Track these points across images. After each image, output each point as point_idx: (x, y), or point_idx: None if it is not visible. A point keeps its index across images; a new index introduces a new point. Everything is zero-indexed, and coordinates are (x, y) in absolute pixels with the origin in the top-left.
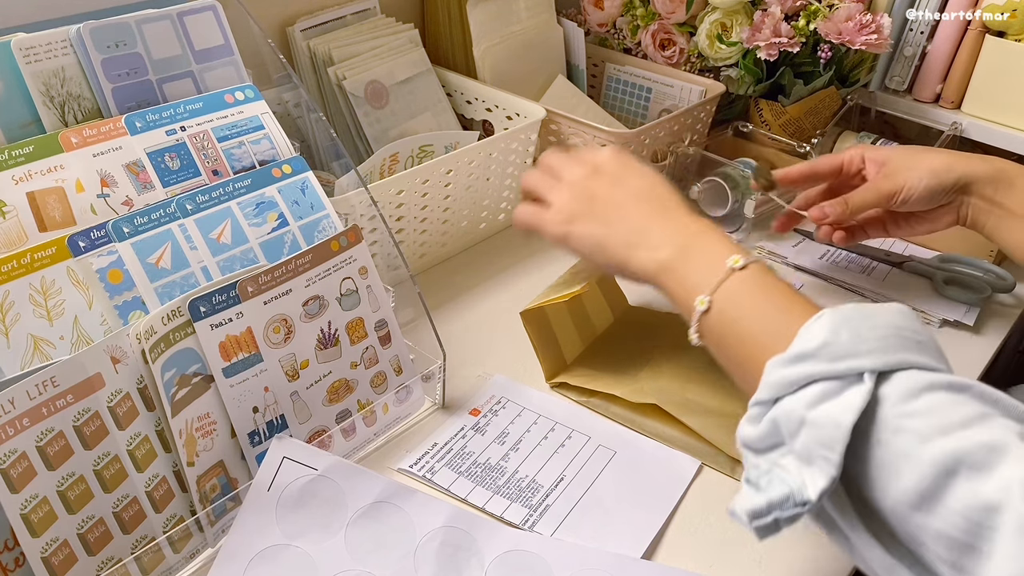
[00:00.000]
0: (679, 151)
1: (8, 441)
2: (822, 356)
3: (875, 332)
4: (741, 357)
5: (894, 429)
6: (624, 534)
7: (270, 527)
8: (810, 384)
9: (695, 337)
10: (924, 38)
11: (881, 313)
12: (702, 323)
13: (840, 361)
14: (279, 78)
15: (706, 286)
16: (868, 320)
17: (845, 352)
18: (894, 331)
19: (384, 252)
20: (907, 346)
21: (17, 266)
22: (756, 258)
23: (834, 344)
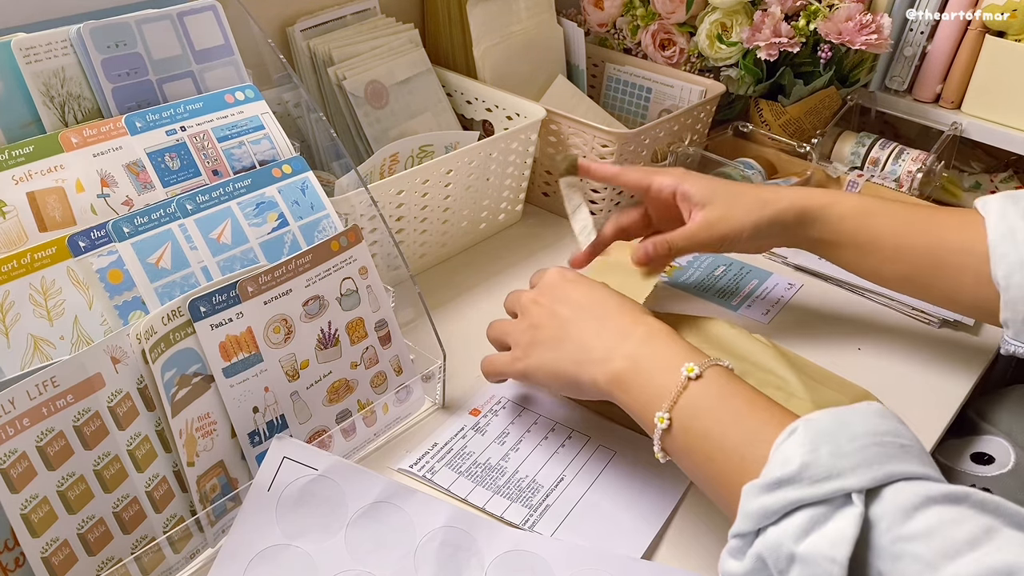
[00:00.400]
0: (679, 151)
1: (8, 441)
2: (803, 479)
3: (855, 443)
4: (712, 476)
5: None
6: (624, 534)
7: (270, 527)
8: (794, 512)
9: (660, 456)
10: (924, 38)
11: (857, 419)
12: (665, 441)
13: (823, 483)
14: (279, 78)
15: (663, 400)
16: (845, 430)
17: (827, 472)
18: (875, 439)
19: (384, 252)
20: (891, 455)
21: (17, 266)
22: (711, 361)
23: (814, 464)
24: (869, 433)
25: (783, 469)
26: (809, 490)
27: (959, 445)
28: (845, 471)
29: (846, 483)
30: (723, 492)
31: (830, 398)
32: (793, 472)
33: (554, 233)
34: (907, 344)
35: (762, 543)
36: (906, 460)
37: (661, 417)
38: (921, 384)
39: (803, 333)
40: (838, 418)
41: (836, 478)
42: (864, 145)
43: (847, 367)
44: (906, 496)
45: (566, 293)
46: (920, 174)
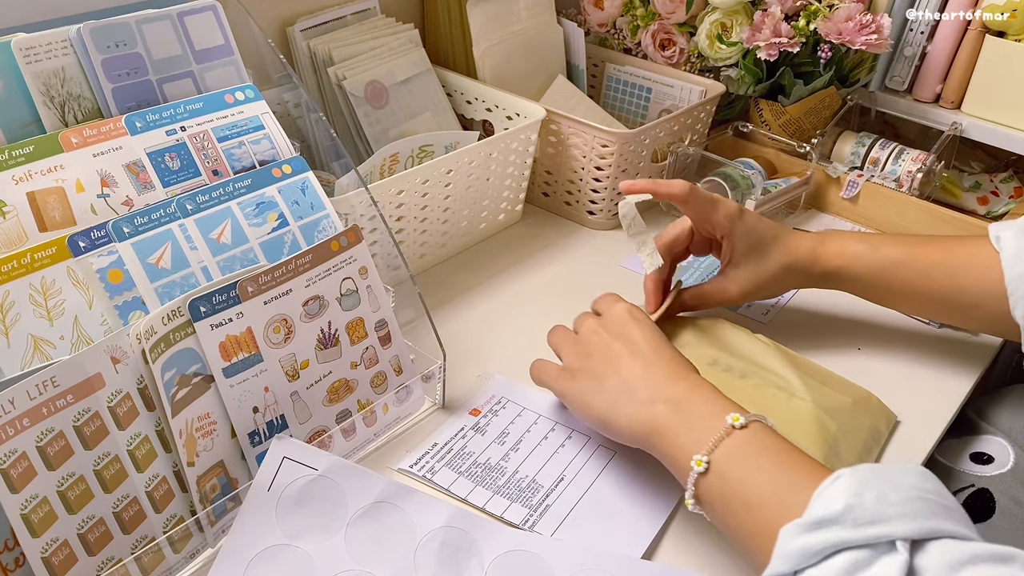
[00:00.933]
0: (679, 151)
1: (8, 441)
2: (846, 521)
3: (900, 495)
4: (747, 524)
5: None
6: (624, 534)
7: (270, 527)
8: (835, 553)
9: (691, 503)
10: (924, 38)
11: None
12: (699, 485)
13: (868, 527)
14: (279, 78)
15: (702, 444)
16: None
17: (872, 516)
18: (920, 494)
19: (384, 252)
20: (936, 511)
21: (17, 266)
22: (755, 416)
23: (858, 508)
24: (915, 487)
25: (826, 510)
26: (853, 532)
27: (958, 445)
28: (891, 518)
29: (892, 529)
30: (758, 539)
31: (831, 398)
32: (837, 513)
33: (554, 233)
34: (907, 344)
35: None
36: (952, 520)
37: (699, 460)
38: (921, 384)
39: (803, 333)
40: (882, 471)
41: (881, 523)
42: (864, 145)
43: (847, 367)
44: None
45: (627, 331)
46: (920, 174)
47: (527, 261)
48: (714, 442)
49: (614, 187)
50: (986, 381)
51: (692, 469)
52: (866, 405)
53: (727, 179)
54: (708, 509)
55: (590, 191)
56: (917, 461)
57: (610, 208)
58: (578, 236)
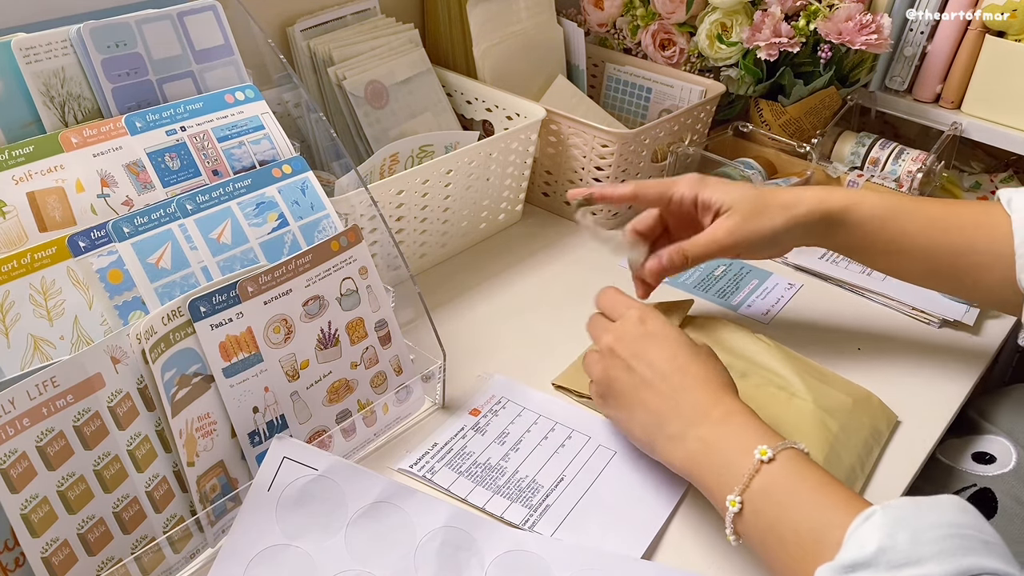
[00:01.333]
0: (679, 151)
1: (8, 441)
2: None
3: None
4: (784, 560)
5: None
6: (624, 534)
7: (270, 527)
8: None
9: (732, 538)
10: (924, 38)
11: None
12: (737, 524)
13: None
14: (279, 78)
15: (733, 483)
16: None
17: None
18: (955, 530)
19: (384, 252)
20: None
21: (17, 266)
22: (785, 444)
23: (891, 549)
24: (951, 524)
25: (859, 552)
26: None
27: (960, 444)
28: (924, 558)
29: (926, 571)
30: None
31: (831, 398)
32: (870, 556)
33: (554, 233)
34: (907, 344)
35: None
36: (989, 556)
37: (733, 500)
38: (921, 384)
39: (803, 333)
40: (918, 505)
41: (915, 565)
42: (864, 145)
43: (847, 367)
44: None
45: (646, 350)
46: (920, 174)
47: (527, 261)
48: (745, 481)
49: None
50: (986, 381)
51: (728, 508)
52: (866, 405)
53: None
54: (748, 543)
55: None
56: (918, 461)
57: (610, 208)
58: (578, 236)
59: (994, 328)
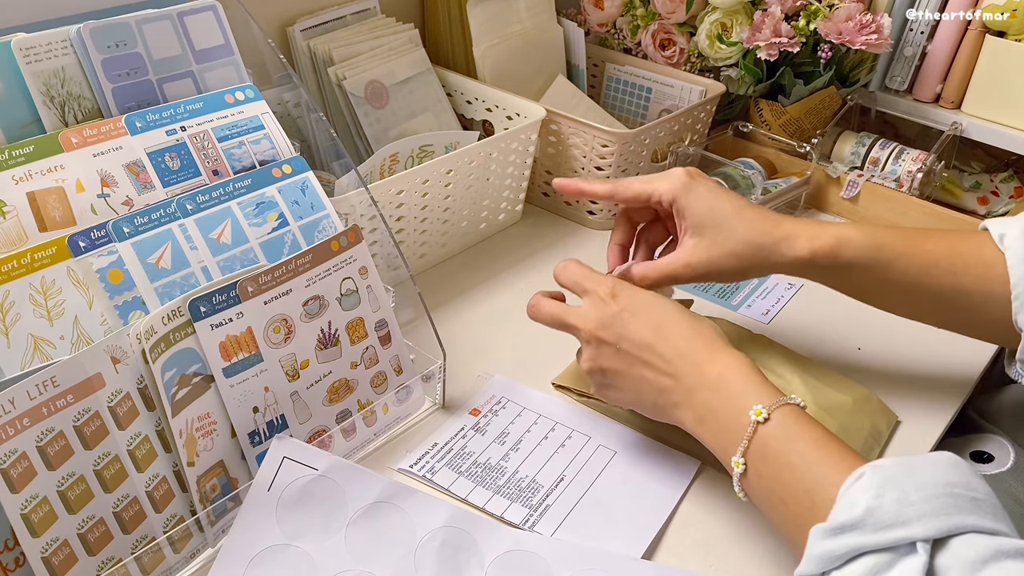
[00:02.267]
0: (679, 151)
1: (8, 441)
2: (867, 526)
3: (923, 492)
4: (785, 519)
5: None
6: (624, 534)
7: (270, 527)
8: (857, 558)
9: (741, 495)
10: (924, 38)
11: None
12: (742, 483)
13: (888, 530)
14: (279, 78)
15: (734, 445)
16: (913, 478)
17: (892, 519)
18: (944, 489)
19: (384, 252)
20: (961, 506)
21: (17, 266)
22: (780, 401)
23: (879, 510)
24: (939, 483)
25: (848, 514)
26: (872, 537)
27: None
28: (911, 519)
29: (911, 532)
30: (795, 535)
31: (831, 397)
32: (857, 518)
33: (554, 233)
34: (907, 344)
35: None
36: (977, 513)
37: (737, 462)
38: (921, 384)
39: (803, 333)
40: (907, 465)
41: (901, 526)
42: (864, 145)
43: (847, 367)
44: (975, 549)
45: (627, 328)
46: (920, 174)
47: (527, 261)
48: (745, 443)
49: None
50: (986, 380)
51: (734, 470)
52: (866, 405)
53: (727, 179)
54: (755, 502)
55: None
56: None
57: (610, 208)
58: (578, 236)
59: None
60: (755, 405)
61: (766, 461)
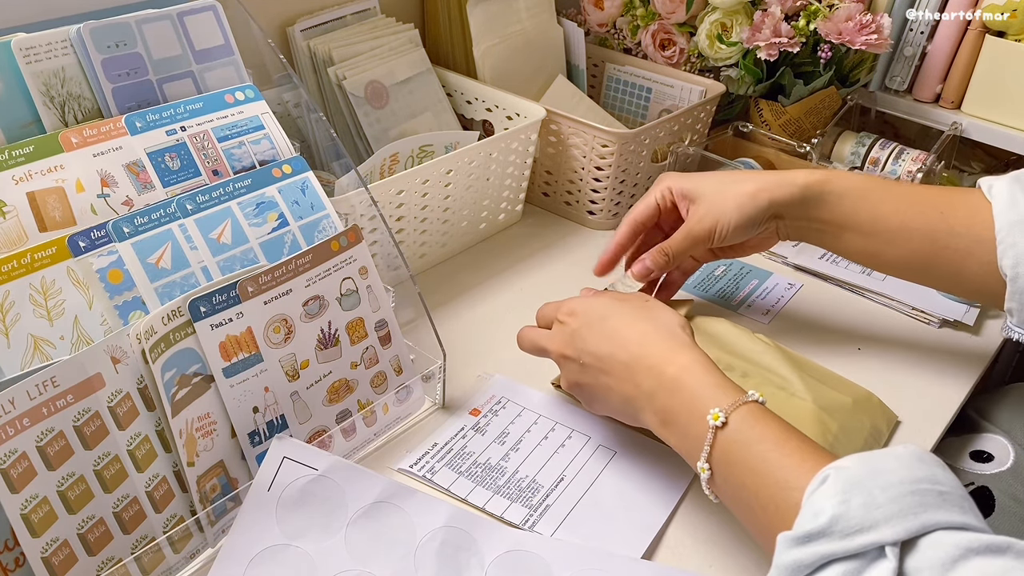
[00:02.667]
0: (679, 151)
1: (8, 441)
2: (834, 533)
3: (889, 493)
4: (752, 523)
5: None
6: (624, 534)
7: (270, 527)
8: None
9: (711, 497)
10: (924, 38)
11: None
12: (711, 486)
13: (856, 536)
14: (279, 78)
15: (697, 451)
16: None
17: (859, 524)
18: (910, 487)
19: (384, 252)
20: (927, 503)
21: (17, 266)
22: (737, 402)
23: (845, 516)
24: (904, 481)
25: (814, 522)
26: (840, 544)
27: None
28: (878, 523)
29: (879, 536)
30: (764, 540)
31: (831, 398)
32: (823, 525)
33: (554, 233)
34: (907, 344)
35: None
36: (944, 508)
37: (702, 467)
38: (921, 384)
39: (803, 333)
40: (871, 465)
41: (868, 531)
42: (864, 145)
43: (847, 367)
44: (944, 548)
45: (585, 342)
46: (920, 174)
47: (527, 261)
48: (707, 449)
49: (614, 187)
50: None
51: (701, 475)
52: (866, 405)
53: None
54: (725, 504)
55: (590, 191)
56: None
57: (610, 208)
58: (578, 236)
59: (994, 328)
60: (712, 409)
61: (729, 467)
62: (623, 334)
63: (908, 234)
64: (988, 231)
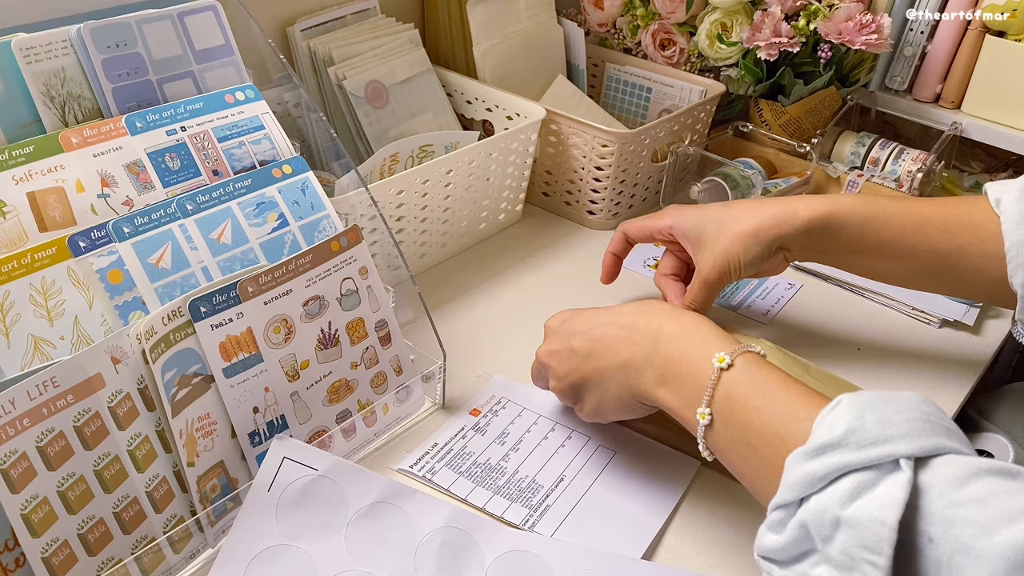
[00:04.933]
0: (679, 151)
1: (8, 441)
2: (849, 444)
3: (903, 415)
4: (756, 465)
5: (946, 522)
6: (624, 534)
7: (270, 527)
8: (840, 477)
9: (706, 454)
10: (924, 38)
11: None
12: (708, 438)
13: (871, 447)
14: (279, 78)
15: (699, 397)
16: (891, 403)
17: (874, 437)
18: (921, 415)
19: (384, 252)
20: (938, 431)
21: (17, 266)
22: (741, 348)
23: (860, 430)
24: (915, 410)
25: (828, 435)
26: (856, 455)
27: None
28: (893, 437)
29: (895, 448)
30: (767, 477)
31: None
32: (839, 437)
33: (554, 233)
34: (907, 344)
35: (805, 511)
36: (953, 439)
37: (703, 413)
38: (921, 384)
39: (803, 333)
40: (883, 396)
41: (884, 443)
42: (864, 145)
43: (847, 367)
44: (958, 466)
45: (574, 330)
46: (920, 174)
47: (527, 261)
48: (710, 392)
49: (614, 187)
50: (986, 380)
51: (699, 423)
52: None
53: (727, 179)
54: (721, 458)
55: (590, 191)
56: None
57: (610, 208)
58: (578, 236)
59: (994, 328)
60: (717, 352)
61: (732, 408)
62: (616, 311)
63: (916, 256)
64: (997, 247)
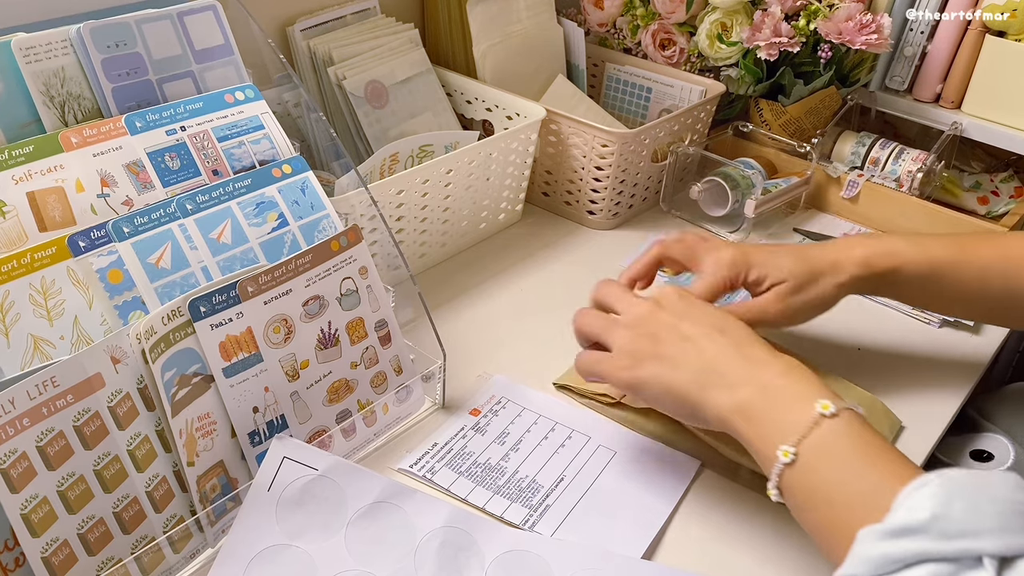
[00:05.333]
0: (679, 151)
1: (8, 441)
2: (932, 532)
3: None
4: (828, 521)
5: None
6: (624, 534)
7: (270, 527)
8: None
9: (775, 493)
10: (924, 38)
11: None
12: (784, 477)
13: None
14: (279, 78)
15: (790, 434)
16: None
17: (960, 529)
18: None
19: (384, 252)
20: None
21: (17, 266)
22: (847, 404)
23: (946, 518)
24: (1009, 500)
25: (910, 517)
26: (936, 544)
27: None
28: (981, 532)
29: (980, 545)
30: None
31: None
32: (922, 522)
33: (554, 233)
34: (907, 344)
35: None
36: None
37: (786, 451)
38: (921, 384)
39: (803, 333)
40: (976, 477)
41: (969, 537)
42: (864, 145)
43: (847, 367)
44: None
45: (692, 312)
46: (920, 174)
47: (527, 261)
48: (803, 432)
49: (614, 187)
50: (986, 380)
51: (778, 459)
52: (871, 410)
53: (727, 179)
54: (789, 499)
55: (590, 191)
56: (918, 461)
57: (610, 208)
58: (578, 236)
59: (994, 328)
60: (821, 400)
61: (823, 456)
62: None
63: (971, 303)
64: None
